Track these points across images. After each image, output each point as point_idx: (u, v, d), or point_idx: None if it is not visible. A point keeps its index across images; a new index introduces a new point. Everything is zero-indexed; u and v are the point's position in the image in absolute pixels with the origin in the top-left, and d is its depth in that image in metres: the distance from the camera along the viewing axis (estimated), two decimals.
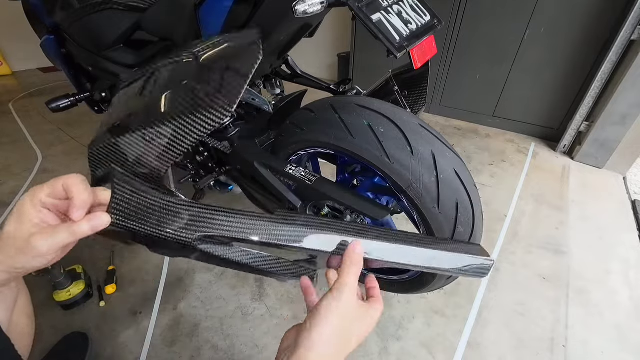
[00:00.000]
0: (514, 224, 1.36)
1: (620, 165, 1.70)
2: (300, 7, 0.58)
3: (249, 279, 1.12)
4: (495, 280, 1.11)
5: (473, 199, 0.65)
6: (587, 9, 1.63)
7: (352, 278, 0.36)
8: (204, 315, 1.00)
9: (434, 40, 0.77)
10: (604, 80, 1.65)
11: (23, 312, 0.54)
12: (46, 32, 1.12)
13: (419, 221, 0.71)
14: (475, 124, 2.27)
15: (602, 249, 1.25)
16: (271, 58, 1.02)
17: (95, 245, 1.26)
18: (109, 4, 0.90)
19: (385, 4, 0.67)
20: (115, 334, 0.96)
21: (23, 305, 0.52)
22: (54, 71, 3.36)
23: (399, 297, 1.05)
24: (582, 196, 1.54)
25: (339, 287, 0.35)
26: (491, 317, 1.00)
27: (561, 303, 1.04)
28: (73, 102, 1.20)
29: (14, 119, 2.39)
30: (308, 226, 0.45)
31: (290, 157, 0.84)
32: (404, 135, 0.62)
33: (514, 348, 0.92)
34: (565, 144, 1.89)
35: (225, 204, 1.44)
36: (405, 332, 0.96)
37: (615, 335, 0.96)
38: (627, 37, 1.50)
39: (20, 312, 0.50)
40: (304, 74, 1.22)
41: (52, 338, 0.91)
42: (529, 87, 1.97)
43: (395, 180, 0.64)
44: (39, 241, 0.33)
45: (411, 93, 0.96)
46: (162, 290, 1.09)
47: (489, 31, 1.93)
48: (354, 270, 0.37)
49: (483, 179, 1.65)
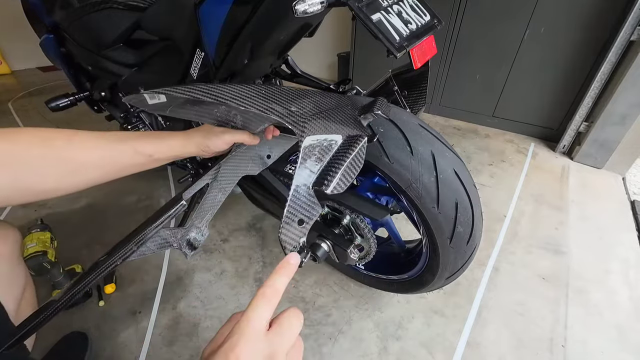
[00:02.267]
0: (513, 224, 1.36)
1: (619, 165, 1.70)
2: (300, 6, 0.58)
3: (248, 278, 1.12)
4: (494, 280, 1.12)
5: (472, 199, 0.65)
6: (587, 9, 1.63)
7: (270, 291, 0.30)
8: (203, 315, 1.00)
9: (433, 40, 0.77)
10: (604, 81, 1.65)
11: (28, 304, 0.55)
12: (45, 31, 1.12)
13: (418, 221, 0.71)
14: (474, 124, 2.27)
15: (602, 249, 1.25)
16: (271, 58, 1.02)
17: (95, 245, 1.26)
18: (109, 3, 0.90)
19: (385, 4, 0.67)
20: (114, 333, 0.96)
21: (29, 297, 0.53)
22: (53, 70, 3.35)
23: (399, 297, 1.05)
24: (581, 196, 1.54)
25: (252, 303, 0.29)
26: (490, 317, 1.00)
27: (560, 303, 1.05)
28: (72, 102, 1.20)
29: (14, 119, 2.39)
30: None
31: (290, 157, 0.84)
32: (404, 135, 0.62)
33: (514, 348, 0.92)
34: (565, 144, 1.89)
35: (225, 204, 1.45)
36: (405, 332, 0.96)
37: (615, 335, 0.96)
38: (627, 37, 1.50)
39: (26, 304, 0.51)
40: (304, 74, 1.22)
41: (51, 337, 0.91)
42: (528, 87, 1.97)
43: (394, 180, 0.64)
44: (228, 136, 0.55)
45: (411, 93, 0.96)
46: (161, 289, 1.09)
47: (489, 31, 1.93)
48: (282, 280, 0.31)
49: (482, 179, 1.65)
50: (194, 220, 0.61)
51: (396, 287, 0.94)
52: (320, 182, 0.41)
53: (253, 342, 0.26)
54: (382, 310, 1.01)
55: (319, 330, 0.96)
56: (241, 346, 0.25)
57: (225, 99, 0.46)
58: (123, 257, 0.51)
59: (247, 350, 0.25)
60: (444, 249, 0.69)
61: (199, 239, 0.61)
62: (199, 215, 0.62)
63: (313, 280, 1.11)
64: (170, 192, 1.56)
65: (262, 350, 0.26)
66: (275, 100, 0.49)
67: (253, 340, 0.26)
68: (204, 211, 0.63)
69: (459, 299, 1.05)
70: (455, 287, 1.08)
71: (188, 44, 0.83)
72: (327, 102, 0.55)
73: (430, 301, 1.04)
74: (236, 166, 0.66)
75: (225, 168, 0.63)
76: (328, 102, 0.54)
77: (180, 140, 0.54)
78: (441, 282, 0.79)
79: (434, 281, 0.78)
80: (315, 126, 0.47)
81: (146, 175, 1.61)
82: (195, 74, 0.88)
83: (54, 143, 0.41)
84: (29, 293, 0.51)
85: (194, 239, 0.61)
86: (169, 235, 0.57)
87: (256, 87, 0.51)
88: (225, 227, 1.34)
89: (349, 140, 0.48)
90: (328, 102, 0.55)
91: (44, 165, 0.41)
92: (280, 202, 0.85)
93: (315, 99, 0.54)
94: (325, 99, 0.55)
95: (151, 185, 1.60)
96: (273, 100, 0.49)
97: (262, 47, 0.84)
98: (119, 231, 1.33)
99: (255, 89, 0.51)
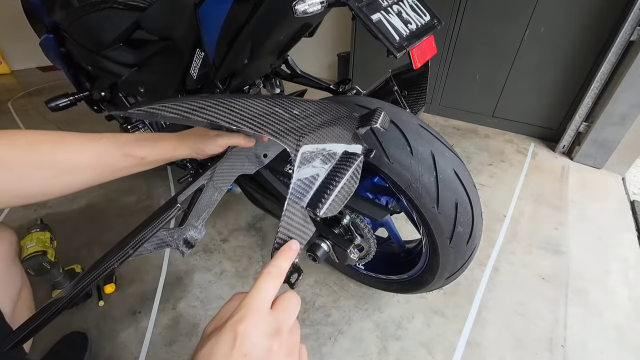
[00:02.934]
0: (513, 224, 1.37)
1: (619, 165, 1.70)
2: (300, 6, 0.58)
3: (248, 278, 1.12)
4: (494, 280, 1.12)
5: (472, 199, 0.65)
6: (587, 9, 1.63)
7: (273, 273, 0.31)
8: (203, 315, 1.00)
9: (433, 40, 0.77)
10: (603, 81, 1.65)
11: (25, 305, 0.54)
12: (45, 31, 1.12)
13: (418, 221, 0.71)
14: (474, 124, 2.27)
15: (601, 249, 1.25)
16: (271, 58, 1.02)
17: (94, 245, 1.26)
18: (109, 3, 0.90)
19: (385, 4, 0.67)
20: (114, 333, 0.96)
21: (25, 298, 0.53)
22: (53, 70, 3.35)
23: (398, 297, 1.05)
24: (581, 196, 1.54)
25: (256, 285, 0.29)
26: (490, 316, 1.00)
27: (560, 303, 1.05)
28: (72, 101, 1.20)
29: (13, 118, 2.39)
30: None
31: (289, 157, 0.84)
32: (404, 135, 0.62)
33: (513, 348, 0.92)
34: (565, 144, 1.89)
35: (225, 204, 1.45)
36: (405, 332, 0.96)
37: (614, 335, 0.96)
38: (627, 38, 1.50)
39: (23, 305, 0.51)
40: (304, 74, 1.22)
41: (51, 337, 0.91)
42: (528, 88, 1.97)
43: (394, 180, 0.64)
44: (223, 139, 0.55)
45: (411, 93, 0.96)
46: (161, 289, 1.09)
47: (489, 31, 1.93)
48: (285, 263, 0.33)
49: (482, 179, 1.66)
50: (191, 219, 0.61)
51: (396, 287, 0.94)
52: (314, 204, 0.41)
53: (260, 317, 0.26)
54: (382, 310, 1.01)
55: (319, 330, 0.96)
56: (248, 320, 0.25)
57: (217, 117, 0.44)
58: (120, 261, 0.51)
59: (254, 324, 0.25)
60: (443, 249, 0.69)
61: (195, 237, 0.61)
62: (196, 215, 0.62)
63: (313, 280, 1.11)
64: (170, 192, 1.56)
65: (268, 326, 0.26)
66: (268, 115, 0.46)
67: (260, 315, 0.26)
68: (200, 210, 0.63)
69: (458, 299, 1.05)
70: (455, 287, 1.08)
71: (188, 44, 0.83)
72: (324, 115, 0.52)
73: (430, 301, 1.04)
74: (232, 166, 0.66)
75: (221, 168, 0.63)
76: (324, 116, 0.52)
77: (173, 143, 0.53)
78: (441, 282, 0.79)
79: (434, 281, 0.78)
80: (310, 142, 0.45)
81: (146, 175, 1.61)
82: (195, 73, 0.88)
83: (39, 147, 0.41)
84: (25, 294, 0.51)
85: (191, 237, 0.61)
86: (166, 235, 0.57)
87: (248, 101, 0.48)
88: (225, 227, 1.34)
89: (344, 157, 0.46)
90: (324, 115, 0.52)
91: (26, 170, 0.40)
92: (280, 202, 0.85)
93: (310, 112, 0.51)
94: (321, 114, 0.52)
95: (151, 185, 1.60)
96: (265, 116, 0.46)
97: (262, 47, 0.84)
98: (118, 231, 1.33)
99: (248, 105, 0.47)
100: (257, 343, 0.25)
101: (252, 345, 0.24)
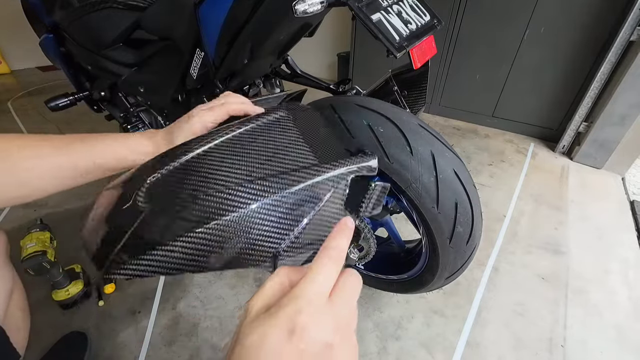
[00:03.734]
0: (513, 224, 1.37)
1: (619, 165, 1.71)
2: (300, 6, 0.58)
3: (248, 278, 1.12)
4: (494, 280, 1.12)
5: (472, 199, 0.65)
6: (587, 9, 1.63)
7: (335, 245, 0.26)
8: (203, 315, 1.00)
9: (433, 40, 0.77)
10: (603, 81, 1.65)
11: (17, 306, 0.54)
12: (45, 30, 1.12)
13: (418, 221, 0.71)
14: (474, 124, 2.27)
15: (601, 249, 1.25)
16: (271, 58, 1.02)
17: None
18: (109, 3, 0.90)
19: (385, 4, 0.67)
20: (114, 333, 0.96)
21: (17, 299, 0.52)
22: (53, 70, 3.35)
23: (398, 297, 1.05)
24: (581, 196, 1.54)
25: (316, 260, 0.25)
26: (490, 317, 1.00)
27: (560, 303, 1.05)
28: (72, 101, 1.20)
29: (13, 118, 2.39)
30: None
31: None
32: (404, 135, 0.62)
33: (513, 348, 0.92)
34: (564, 145, 1.89)
35: None
36: (405, 332, 0.96)
37: (614, 335, 0.96)
38: (626, 38, 1.50)
39: (15, 306, 0.51)
40: (304, 74, 1.22)
41: (50, 337, 0.91)
42: (528, 88, 1.97)
43: (394, 180, 0.64)
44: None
45: (411, 93, 0.96)
46: (161, 289, 1.09)
47: (489, 31, 1.93)
48: (344, 242, 0.28)
49: (482, 179, 1.66)
50: None
51: (396, 287, 0.94)
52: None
53: (320, 311, 0.23)
54: (381, 310, 1.01)
55: None
56: (308, 314, 0.22)
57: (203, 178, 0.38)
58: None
59: (314, 319, 0.22)
60: (443, 249, 0.69)
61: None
62: None
63: None
64: None
65: (329, 320, 0.23)
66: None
67: (319, 309, 0.23)
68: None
69: (458, 299, 1.05)
70: (455, 287, 1.08)
71: (188, 44, 0.83)
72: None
73: (430, 301, 1.04)
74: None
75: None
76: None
77: (144, 140, 0.48)
78: (441, 282, 0.79)
79: (434, 281, 0.78)
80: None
81: None
82: (195, 73, 0.88)
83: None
84: (17, 295, 0.51)
85: None
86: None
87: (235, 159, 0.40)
88: None
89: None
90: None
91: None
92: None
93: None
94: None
95: None
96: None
97: (262, 47, 0.84)
98: None
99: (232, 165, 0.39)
100: (317, 339, 0.22)
101: (311, 340, 0.22)
